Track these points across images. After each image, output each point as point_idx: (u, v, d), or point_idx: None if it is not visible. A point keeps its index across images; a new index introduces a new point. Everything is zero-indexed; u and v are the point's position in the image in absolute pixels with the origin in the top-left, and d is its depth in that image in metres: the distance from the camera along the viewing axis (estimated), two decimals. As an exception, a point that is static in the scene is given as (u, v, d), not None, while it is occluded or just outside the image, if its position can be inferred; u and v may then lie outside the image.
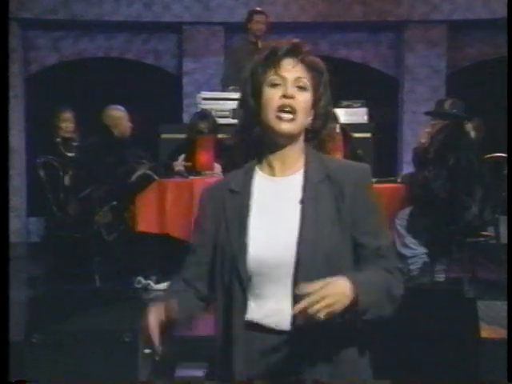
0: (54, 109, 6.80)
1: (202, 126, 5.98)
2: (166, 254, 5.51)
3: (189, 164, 5.80)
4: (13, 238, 6.31)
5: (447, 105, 5.66)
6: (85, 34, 8.86)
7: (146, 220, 5.44)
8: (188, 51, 8.75)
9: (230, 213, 1.93)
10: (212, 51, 8.67)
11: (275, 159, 1.95)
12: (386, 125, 8.22)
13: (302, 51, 1.94)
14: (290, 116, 1.89)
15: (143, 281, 5.46)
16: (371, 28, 8.90)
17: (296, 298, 1.78)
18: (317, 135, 1.98)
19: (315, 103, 1.95)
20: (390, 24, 8.80)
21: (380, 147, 7.05)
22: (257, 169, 1.98)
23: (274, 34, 7.65)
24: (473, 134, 6.37)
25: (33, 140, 8.28)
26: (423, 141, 5.77)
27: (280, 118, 1.89)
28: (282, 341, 1.87)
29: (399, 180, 5.73)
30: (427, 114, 5.91)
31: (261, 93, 1.93)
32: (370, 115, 6.96)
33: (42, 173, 5.87)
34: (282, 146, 1.93)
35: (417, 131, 6.61)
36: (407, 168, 7.22)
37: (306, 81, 1.92)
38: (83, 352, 3.16)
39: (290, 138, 1.92)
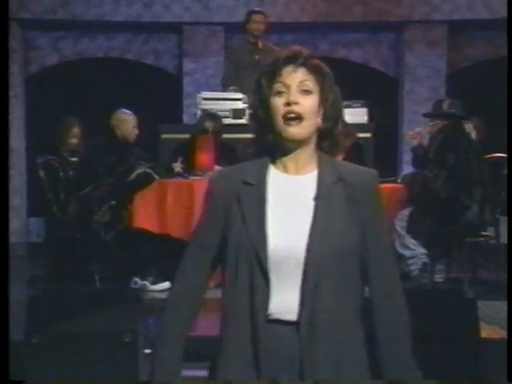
0: (62, 121, 6.71)
1: (209, 125, 5.99)
2: (162, 254, 5.51)
3: (187, 165, 5.81)
4: (13, 238, 6.32)
5: (446, 105, 5.67)
6: (85, 34, 8.85)
7: (146, 218, 5.44)
8: (188, 51, 8.75)
9: (247, 205, 1.95)
10: (212, 51, 8.67)
11: (288, 160, 1.99)
12: (386, 125, 8.22)
13: (302, 56, 1.97)
14: (296, 121, 1.93)
15: (140, 281, 5.46)
16: (371, 28, 8.90)
17: (304, 291, 1.88)
18: (329, 135, 2.01)
19: (323, 104, 1.98)
20: (390, 24, 8.80)
21: (380, 147, 7.05)
22: (270, 165, 2.01)
23: (275, 34, 7.67)
24: (473, 134, 6.37)
25: (33, 140, 8.28)
26: (415, 142, 5.80)
27: (287, 125, 1.93)
28: (290, 332, 1.91)
29: (399, 180, 5.74)
30: (426, 115, 5.89)
31: (268, 103, 1.96)
32: (370, 115, 6.96)
33: (42, 173, 5.87)
34: (294, 150, 1.98)
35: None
36: (407, 168, 7.22)
37: (309, 83, 1.95)
38: (83, 352, 3.16)
39: (301, 142, 1.97)
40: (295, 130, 1.93)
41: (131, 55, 8.97)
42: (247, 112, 6.57)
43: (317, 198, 1.95)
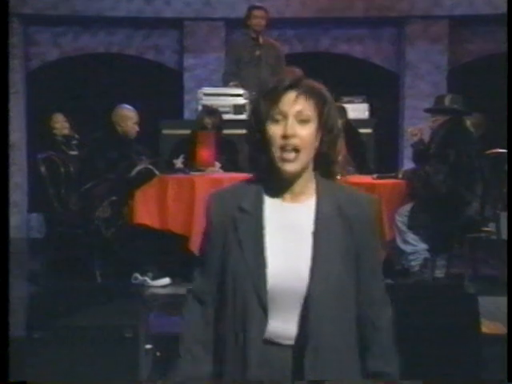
0: (45, 116, 6.88)
1: (208, 121, 6.01)
2: (163, 250, 5.51)
3: (187, 161, 5.81)
4: (13, 233, 6.31)
5: (447, 100, 5.66)
6: (85, 29, 8.85)
7: (147, 214, 5.44)
8: (189, 47, 8.74)
9: (244, 233, 1.93)
10: (213, 47, 8.66)
11: (284, 188, 1.96)
12: (387, 120, 8.21)
13: (303, 83, 1.92)
14: (292, 155, 1.89)
15: (140, 277, 5.46)
16: (372, 23, 8.89)
17: (303, 321, 1.89)
18: (327, 159, 1.97)
19: (321, 129, 1.94)
20: (391, 19, 8.79)
21: (381, 143, 7.05)
22: (267, 191, 1.97)
23: (276, 29, 7.67)
24: (474, 129, 6.37)
25: (33, 136, 8.28)
26: (415, 138, 5.80)
27: (283, 159, 1.89)
28: (287, 353, 1.93)
29: (400, 176, 5.73)
30: (428, 111, 5.88)
31: (264, 128, 1.92)
32: (371, 111, 6.96)
33: (42, 168, 5.87)
34: (290, 179, 1.95)
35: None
36: (408, 164, 7.22)
37: (308, 113, 1.90)
38: (84, 347, 3.17)
39: (295, 174, 1.94)
40: (291, 167, 1.90)
41: (132, 51, 8.97)
42: (247, 107, 6.58)
43: (315, 232, 1.93)
